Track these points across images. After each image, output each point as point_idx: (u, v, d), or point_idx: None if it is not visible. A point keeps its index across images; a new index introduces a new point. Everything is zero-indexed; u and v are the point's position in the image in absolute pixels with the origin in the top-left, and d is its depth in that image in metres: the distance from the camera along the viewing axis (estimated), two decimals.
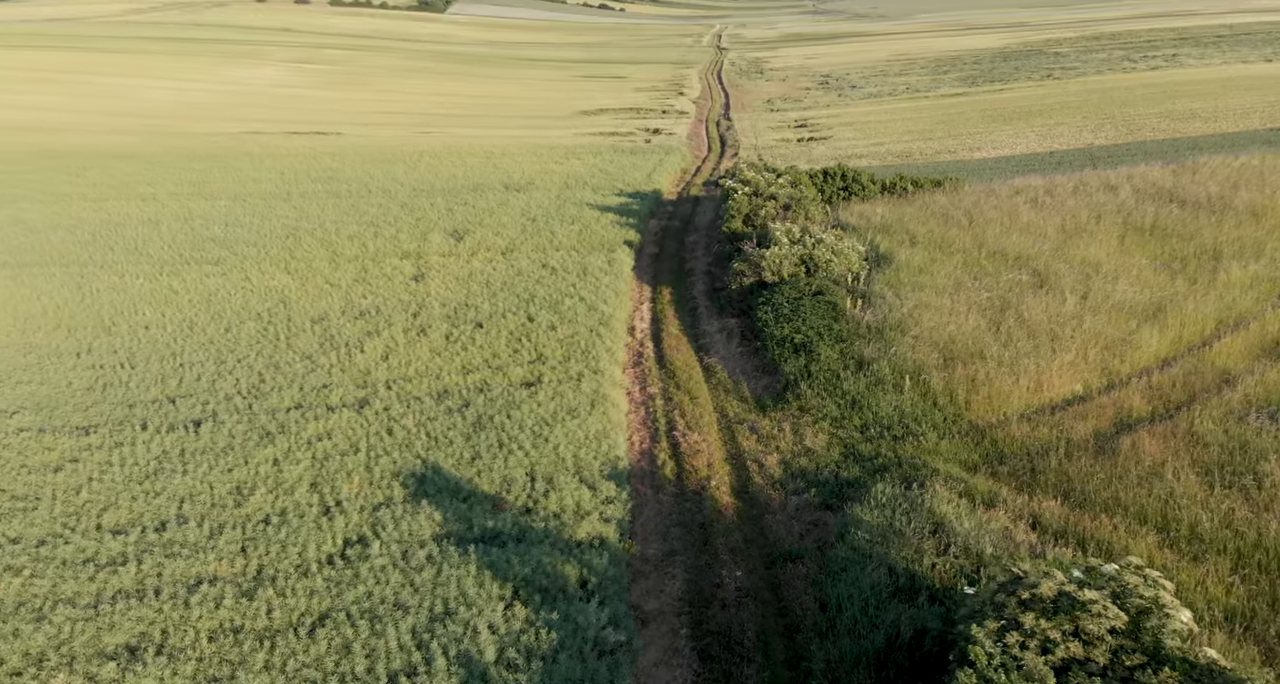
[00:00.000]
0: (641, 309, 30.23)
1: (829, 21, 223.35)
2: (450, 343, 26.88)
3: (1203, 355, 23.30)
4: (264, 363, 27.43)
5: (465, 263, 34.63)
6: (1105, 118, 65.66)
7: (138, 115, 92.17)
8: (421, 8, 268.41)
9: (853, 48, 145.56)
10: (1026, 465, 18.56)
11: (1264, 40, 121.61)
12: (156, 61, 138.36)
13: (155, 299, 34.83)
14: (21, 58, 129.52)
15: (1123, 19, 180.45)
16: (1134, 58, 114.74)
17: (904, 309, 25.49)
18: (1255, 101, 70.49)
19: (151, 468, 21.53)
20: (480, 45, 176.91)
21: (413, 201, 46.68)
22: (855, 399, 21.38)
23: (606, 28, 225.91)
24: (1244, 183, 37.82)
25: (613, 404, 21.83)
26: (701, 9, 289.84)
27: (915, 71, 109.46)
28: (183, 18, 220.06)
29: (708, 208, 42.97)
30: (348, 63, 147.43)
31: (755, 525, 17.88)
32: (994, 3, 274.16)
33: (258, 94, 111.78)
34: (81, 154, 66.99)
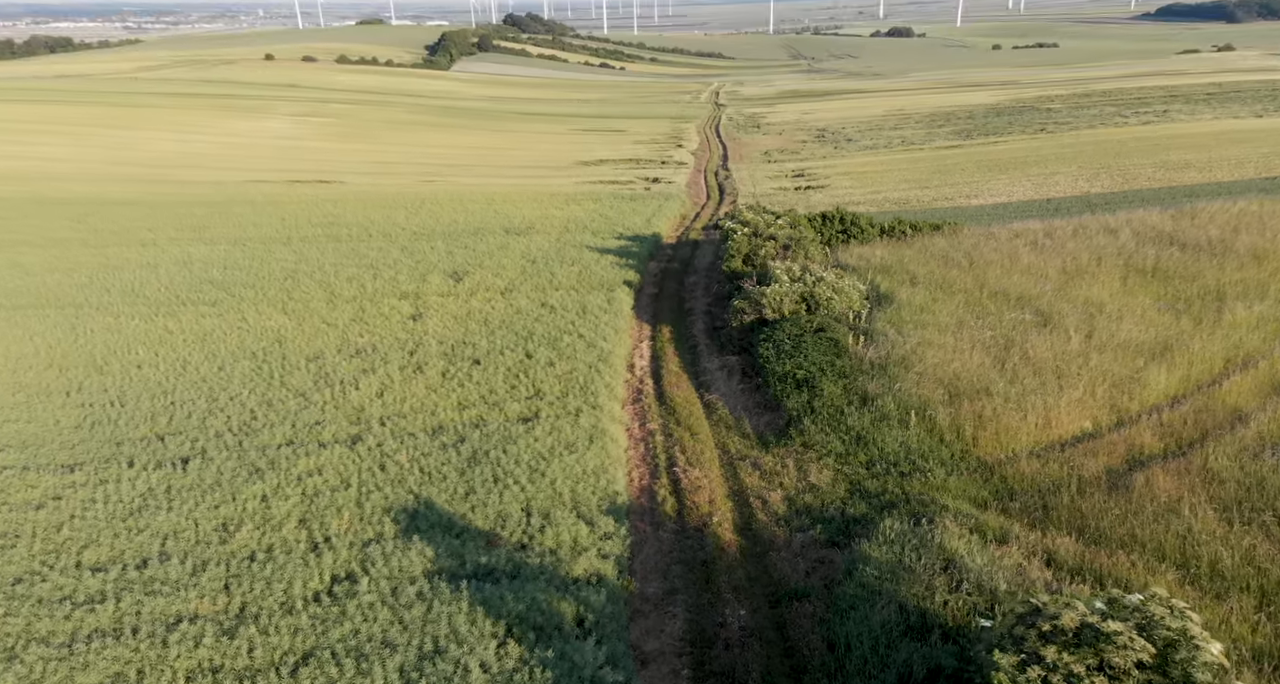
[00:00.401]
0: (641, 347, 29.86)
1: (824, 80, 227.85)
2: (446, 380, 26.44)
3: (1213, 394, 22.89)
4: (257, 400, 26.96)
5: (464, 303, 34.37)
6: (1100, 167, 66.26)
7: (141, 165, 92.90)
8: (426, 65, 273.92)
9: (848, 104, 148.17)
10: (1038, 502, 18.03)
11: (1253, 97, 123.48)
12: (161, 114, 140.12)
13: (149, 339, 34.44)
14: (27, 111, 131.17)
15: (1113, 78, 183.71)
16: (1125, 114, 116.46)
17: (907, 346, 25.15)
18: (1249, 152, 71.21)
19: (136, 505, 20.94)
20: (483, 100, 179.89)
21: (413, 245, 46.67)
22: (860, 435, 20.89)
23: (606, 85, 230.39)
24: (1244, 227, 37.86)
25: (611, 439, 21.31)
26: (699, 67, 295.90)
27: (910, 126, 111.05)
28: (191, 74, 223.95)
29: (707, 251, 42.96)
30: (351, 116, 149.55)
31: (759, 563, 17.23)
32: (985, 62, 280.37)
33: (261, 145, 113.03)
34: (83, 201, 67.22)
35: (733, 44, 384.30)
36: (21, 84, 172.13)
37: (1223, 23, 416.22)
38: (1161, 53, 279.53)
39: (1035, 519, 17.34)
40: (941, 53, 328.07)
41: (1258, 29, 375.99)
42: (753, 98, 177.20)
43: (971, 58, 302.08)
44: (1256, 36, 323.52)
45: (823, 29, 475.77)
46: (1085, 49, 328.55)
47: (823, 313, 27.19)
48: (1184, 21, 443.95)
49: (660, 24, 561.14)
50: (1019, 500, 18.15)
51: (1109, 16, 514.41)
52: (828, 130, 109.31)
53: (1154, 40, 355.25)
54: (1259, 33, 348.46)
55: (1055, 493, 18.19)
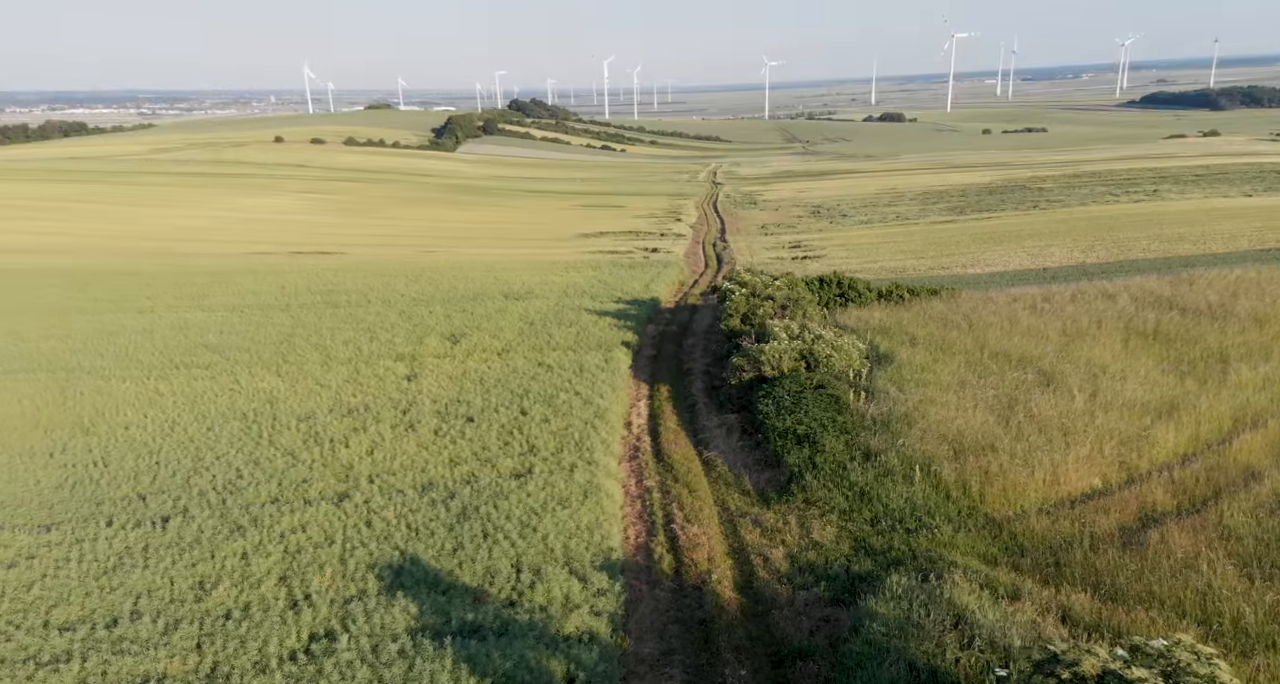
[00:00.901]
0: (639, 405, 29.35)
1: (819, 161, 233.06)
2: (439, 437, 25.85)
3: (1223, 452, 22.37)
4: (243, 459, 26.32)
5: (460, 363, 34.01)
6: (1095, 239, 66.87)
7: (144, 238, 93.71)
8: (432, 147, 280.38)
9: (842, 183, 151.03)
10: (1050, 559, 17.32)
11: (1241, 179, 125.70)
12: (166, 192, 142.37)
13: (139, 401, 33.95)
14: (34, 189, 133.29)
15: (1102, 160, 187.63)
16: (1116, 193, 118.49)
17: (909, 403, 24.69)
18: (1242, 227, 71.95)
19: (110, 563, 20.19)
20: (486, 179, 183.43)
21: (411, 309, 46.59)
22: (864, 490, 20.24)
23: (607, 165, 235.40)
24: (1243, 292, 37.84)
25: (607, 495, 20.63)
26: (698, 150, 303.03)
27: (904, 203, 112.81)
28: (201, 156, 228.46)
29: (705, 315, 42.85)
30: (356, 193, 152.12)
31: (761, 622, 16.39)
32: (976, 145, 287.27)
33: (265, 220, 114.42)
34: (84, 273, 67.47)
35: (730, 128, 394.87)
36: (31, 164, 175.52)
37: (1207, 110, 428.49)
38: (1148, 137, 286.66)
39: (1048, 575, 16.60)
40: (933, 136, 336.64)
41: (1241, 116, 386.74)
42: (749, 177, 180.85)
43: (962, 141, 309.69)
44: (1241, 123, 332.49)
45: (817, 115, 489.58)
46: (1073, 134, 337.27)
47: (822, 370, 26.80)
48: (1169, 109, 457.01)
49: (660, 110, 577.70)
50: (1030, 557, 17.44)
51: (1095, 104, 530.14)
52: (823, 207, 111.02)
53: (1140, 126, 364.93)
54: (1243, 120, 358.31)
55: (1067, 549, 17.50)
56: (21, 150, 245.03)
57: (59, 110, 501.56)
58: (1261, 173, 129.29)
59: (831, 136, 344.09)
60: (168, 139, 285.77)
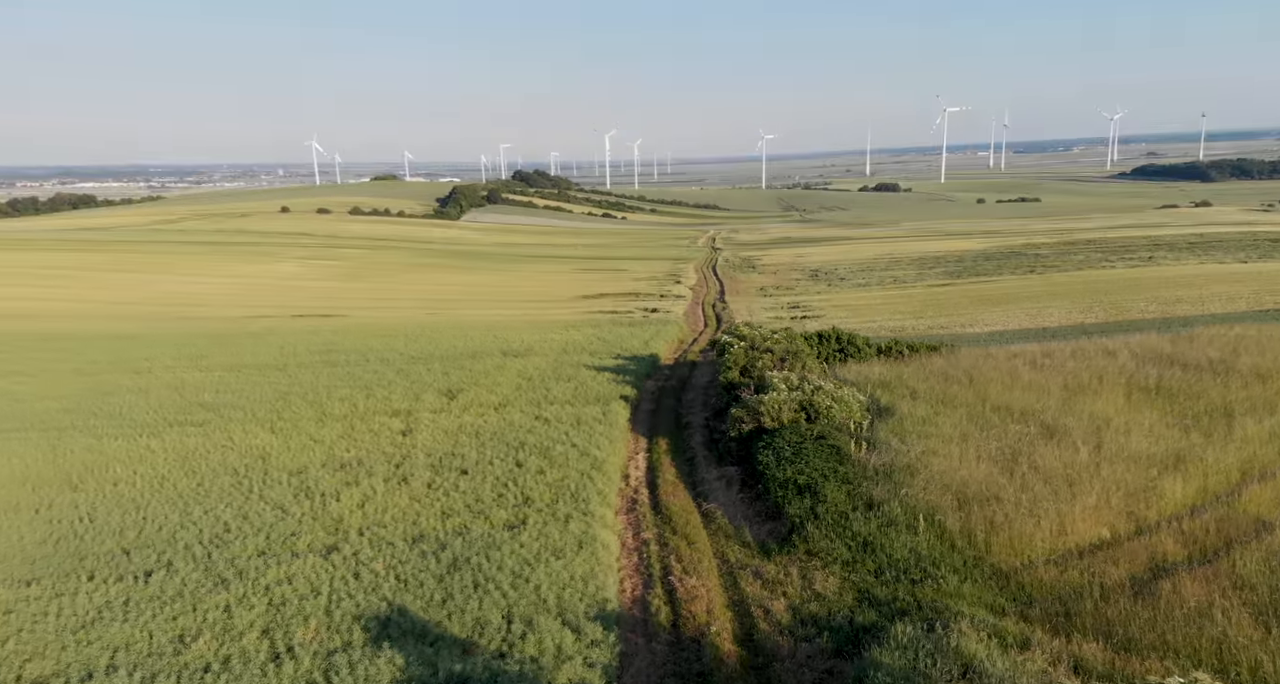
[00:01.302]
0: (637, 458, 28.89)
1: (816, 228, 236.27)
2: (432, 490, 25.36)
3: (1232, 504, 21.91)
4: (232, 513, 25.78)
5: (456, 418, 33.64)
6: (1093, 301, 67.09)
7: (145, 304, 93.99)
8: (436, 216, 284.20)
9: (839, 248, 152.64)
10: (1059, 608, 16.75)
11: (1236, 246, 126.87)
12: (168, 260, 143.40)
13: (129, 458, 33.53)
14: (39, 258, 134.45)
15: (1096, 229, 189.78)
16: (1111, 259, 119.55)
17: (911, 454, 24.29)
18: (1240, 289, 72.27)
19: (89, 617, 19.59)
20: (489, 246, 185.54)
21: (409, 368, 46.40)
22: (867, 541, 19.71)
23: (608, 232, 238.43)
24: (1243, 349, 37.72)
25: (603, 546, 20.09)
26: (697, 217, 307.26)
27: (901, 267, 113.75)
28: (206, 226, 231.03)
29: (705, 371, 42.63)
30: (359, 259, 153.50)
31: (762, 675, 15.73)
32: (971, 214, 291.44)
33: (267, 286, 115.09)
34: (83, 337, 67.45)
35: (728, 197, 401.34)
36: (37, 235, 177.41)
37: (1198, 181, 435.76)
38: (1141, 207, 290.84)
39: (1058, 625, 16.02)
40: (928, 205, 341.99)
41: (1232, 188, 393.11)
42: (748, 242, 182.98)
43: (957, 210, 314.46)
44: (1232, 195, 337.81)
45: (813, 184, 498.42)
46: (1067, 203, 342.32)
47: (822, 422, 26.46)
48: (1160, 180, 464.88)
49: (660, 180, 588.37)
50: (1039, 606, 16.86)
51: (1087, 175, 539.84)
52: (821, 270, 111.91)
53: (1133, 196, 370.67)
54: (1234, 191, 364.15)
55: (1077, 599, 16.94)
56: (29, 222, 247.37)
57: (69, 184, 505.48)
58: (1256, 241, 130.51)
59: (828, 205, 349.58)
60: (174, 210, 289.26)
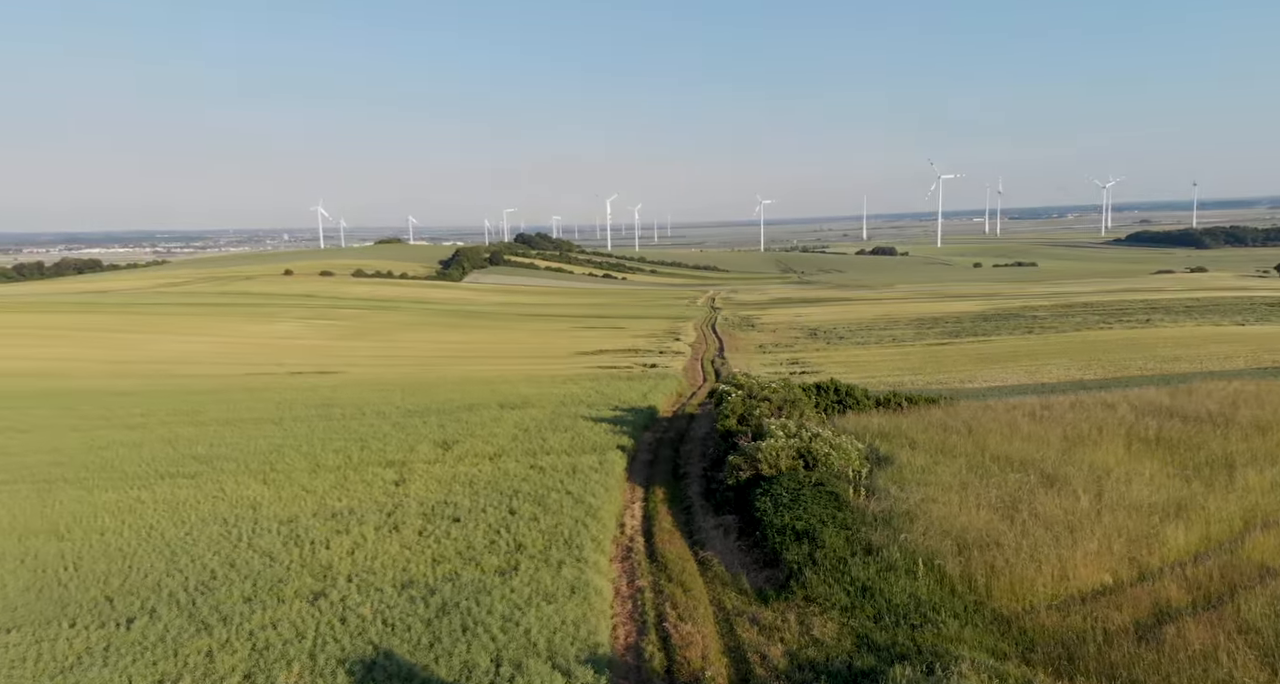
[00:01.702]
0: (633, 507, 28.49)
1: (814, 289, 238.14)
2: (423, 537, 24.93)
3: (1236, 551, 21.59)
4: (219, 561, 25.32)
5: (450, 468, 33.31)
6: (1092, 359, 67.16)
7: (143, 362, 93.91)
8: (439, 277, 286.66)
9: (838, 308, 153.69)
10: (1062, 652, 16.35)
11: (1233, 310, 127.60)
12: (169, 321, 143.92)
13: (118, 509, 33.07)
14: (39, 318, 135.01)
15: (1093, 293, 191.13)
16: (1109, 320, 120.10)
17: (911, 501, 23.99)
18: (1237, 349, 72.37)
19: (69, 663, 19.10)
20: (490, 305, 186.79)
21: (405, 421, 46.15)
22: (866, 586, 19.31)
23: (608, 292, 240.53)
24: (1242, 402, 37.62)
25: (595, 591, 19.66)
26: (696, 278, 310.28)
27: (899, 327, 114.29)
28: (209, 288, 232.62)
29: (703, 423, 42.37)
30: (359, 319, 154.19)
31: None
32: (968, 277, 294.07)
33: (267, 345, 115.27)
34: (79, 393, 67.16)
35: (727, 259, 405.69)
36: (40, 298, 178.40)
37: (1192, 248, 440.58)
38: (1137, 272, 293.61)
39: (1061, 669, 15.61)
40: (925, 269, 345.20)
41: (1226, 255, 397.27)
42: (747, 302, 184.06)
43: (954, 274, 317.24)
44: (1226, 261, 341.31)
45: (810, 247, 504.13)
46: (1063, 268, 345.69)
47: (821, 469, 26.20)
48: (1155, 247, 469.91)
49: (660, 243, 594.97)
50: (1041, 650, 16.45)
51: (1083, 241, 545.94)
52: (819, 329, 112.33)
53: (1128, 262, 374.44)
54: (1228, 258, 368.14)
55: (1080, 643, 16.54)
56: (33, 286, 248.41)
57: (75, 250, 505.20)
58: (1253, 305, 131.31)
59: (826, 268, 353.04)
60: (178, 274, 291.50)
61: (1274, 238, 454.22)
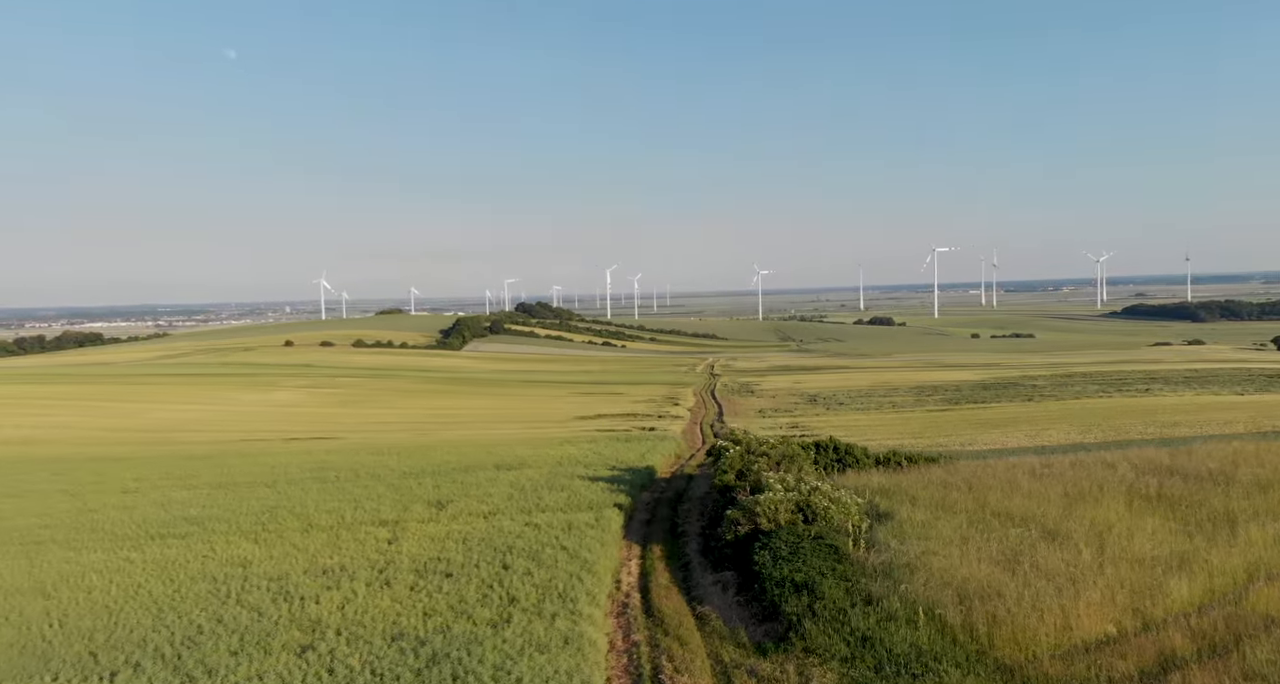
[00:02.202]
0: (629, 564, 28.04)
1: (813, 357, 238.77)
2: (414, 592, 24.50)
3: (1240, 603, 21.32)
4: (207, 617, 24.83)
5: (445, 526, 32.93)
6: (1092, 424, 67.02)
7: (140, 430, 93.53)
8: (439, 346, 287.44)
9: (837, 376, 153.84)
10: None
11: (1231, 380, 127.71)
12: (168, 389, 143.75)
13: (107, 568, 32.57)
14: (37, 389, 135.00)
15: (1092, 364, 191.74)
16: (1109, 389, 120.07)
17: (911, 554, 23.72)
18: (1237, 416, 72.29)
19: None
20: (489, 373, 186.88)
21: (400, 482, 45.79)
22: (866, 636, 18.94)
23: (608, 359, 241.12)
24: (1242, 461, 37.53)
25: (590, 643, 19.23)
26: (695, 346, 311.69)
27: (899, 394, 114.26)
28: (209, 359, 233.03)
29: (702, 483, 41.97)
30: (358, 387, 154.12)
31: None
32: (966, 348, 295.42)
33: (264, 412, 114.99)
34: (74, 460, 66.65)
35: (726, 327, 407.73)
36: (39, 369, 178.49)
37: (1188, 322, 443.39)
38: (1135, 344, 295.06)
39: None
40: (923, 339, 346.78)
41: (1222, 328, 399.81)
42: (746, 369, 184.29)
43: (952, 344, 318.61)
44: (1222, 334, 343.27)
45: (808, 317, 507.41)
46: (1061, 340, 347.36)
47: (820, 523, 25.93)
48: (1151, 320, 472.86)
49: (659, 312, 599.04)
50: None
51: (1079, 314, 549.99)
52: (819, 395, 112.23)
53: (1125, 335, 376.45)
54: (1224, 331, 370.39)
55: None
56: (34, 360, 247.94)
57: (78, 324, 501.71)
58: (1251, 376, 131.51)
59: (824, 337, 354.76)
60: (178, 346, 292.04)
61: (1269, 312, 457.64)
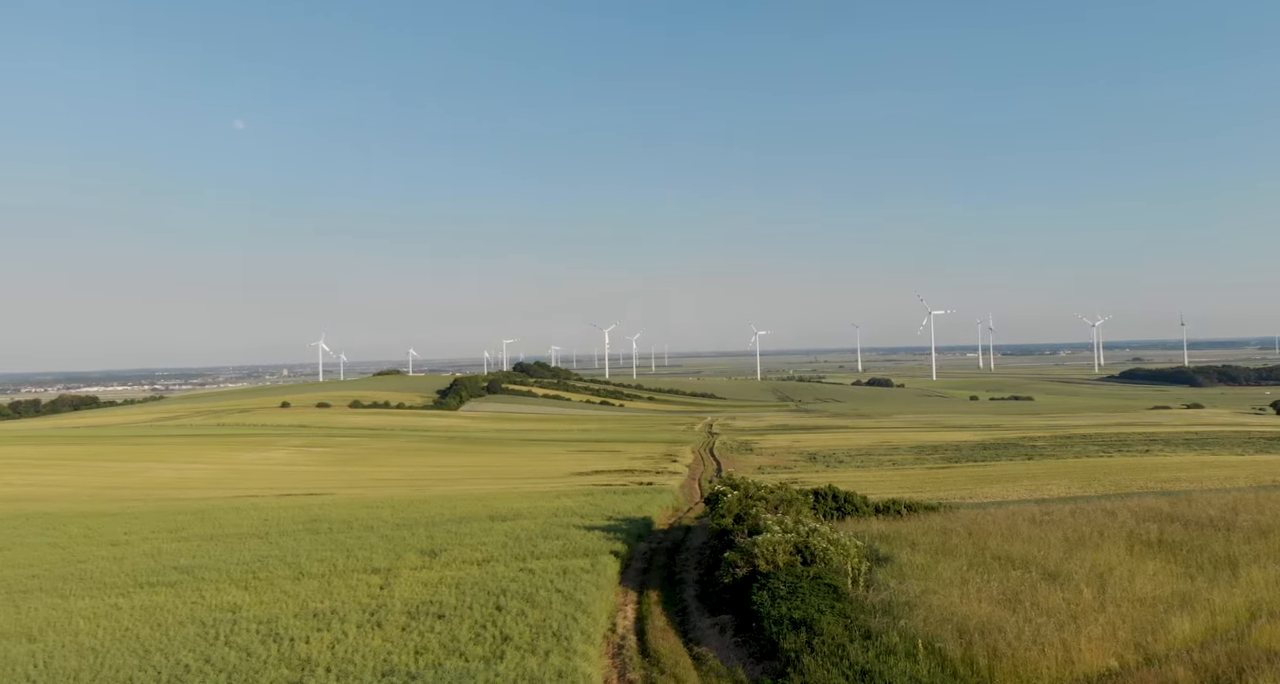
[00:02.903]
0: (625, 609, 27.54)
1: (811, 417, 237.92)
2: (406, 632, 24.06)
3: (1244, 639, 21.11)
4: (194, 657, 24.34)
5: (438, 572, 32.44)
6: (1093, 479, 66.65)
7: (135, 488, 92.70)
8: (436, 407, 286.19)
9: (836, 436, 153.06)
10: None
11: (1231, 442, 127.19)
12: (162, 449, 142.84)
13: (94, 614, 32.07)
14: (30, 450, 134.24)
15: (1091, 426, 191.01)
16: (1109, 450, 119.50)
17: (911, 593, 23.46)
18: (1237, 473, 72.12)
19: None
20: (485, 432, 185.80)
21: (394, 533, 45.24)
22: (865, 669, 18.58)
23: (606, 418, 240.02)
24: (1242, 508, 37.43)
25: (584, 677, 18.85)
26: (694, 405, 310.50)
27: (899, 453, 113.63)
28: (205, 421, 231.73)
29: (700, 534, 41.43)
30: (353, 446, 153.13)
31: None
32: (964, 409, 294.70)
33: (258, 471, 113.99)
34: (67, 515, 65.81)
35: (724, 387, 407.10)
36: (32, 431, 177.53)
37: (1186, 386, 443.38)
38: (1133, 408, 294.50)
39: None
40: (922, 400, 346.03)
41: (1220, 392, 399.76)
42: (745, 428, 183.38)
43: (951, 405, 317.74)
44: (1220, 399, 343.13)
45: (807, 378, 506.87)
46: (1060, 402, 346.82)
47: (819, 565, 25.64)
48: (1148, 384, 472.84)
49: (658, 372, 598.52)
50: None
51: (1077, 378, 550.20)
52: (819, 453, 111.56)
53: (1124, 398, 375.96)
54: (1222, 396, 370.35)
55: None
56: (29, 423, 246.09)
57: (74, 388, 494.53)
58: (1250, 439, 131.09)
59: (822, 397, 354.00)
60: (174, 409, 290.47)
61: (1266, 377, 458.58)
